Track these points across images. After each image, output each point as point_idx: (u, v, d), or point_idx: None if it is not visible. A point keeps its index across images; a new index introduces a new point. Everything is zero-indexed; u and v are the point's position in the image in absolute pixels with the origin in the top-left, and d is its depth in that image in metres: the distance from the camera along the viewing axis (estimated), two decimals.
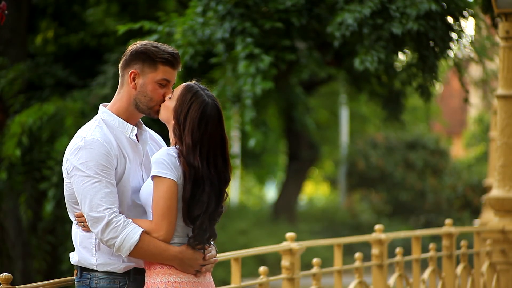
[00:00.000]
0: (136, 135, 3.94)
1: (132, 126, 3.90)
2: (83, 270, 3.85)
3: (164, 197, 3.72)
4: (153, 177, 3.74)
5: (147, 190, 3.81)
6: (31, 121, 11.60)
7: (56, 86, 13.00)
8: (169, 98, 3.88)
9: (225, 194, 3.85)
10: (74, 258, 3.88)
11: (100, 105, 3.97)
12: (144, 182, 3.90)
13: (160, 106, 3.89)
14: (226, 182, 3.86)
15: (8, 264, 12.55)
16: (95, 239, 3.81)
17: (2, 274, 3.78)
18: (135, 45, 3.90)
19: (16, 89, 12.53)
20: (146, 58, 3.85)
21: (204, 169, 3.77)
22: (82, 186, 3.74)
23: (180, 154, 3.77)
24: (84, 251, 3.83)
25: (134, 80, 3.87)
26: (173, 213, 3.73)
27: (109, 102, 3.98)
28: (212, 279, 3.90)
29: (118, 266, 3.81)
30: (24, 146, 11.72)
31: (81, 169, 3.75)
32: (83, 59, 13.93)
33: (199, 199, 3.76)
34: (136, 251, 3.71)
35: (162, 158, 3.74)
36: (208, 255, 3.82)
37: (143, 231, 3.72)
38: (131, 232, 3.71)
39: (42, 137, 11.88)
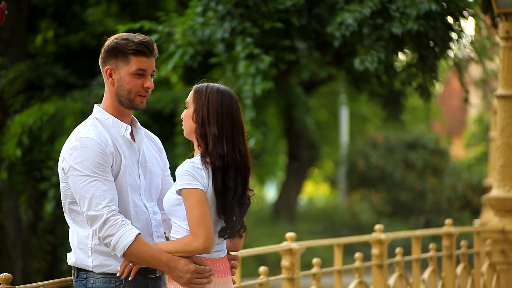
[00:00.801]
0: (132, 133, 3.94)
1: (126, 124, 3.90)
2: (80, 270, 3.85)
3: (197, 205, 3.71)
4: (181, 190, 3.73)
5: (170, 200, 3.80)
6: (31, 121, 11.61)
7: (56, 86, 13.00)
8: (185, 108, 3.88)
9: (250, 188, 3.87)
10: (71, 259, 3.88)
11: (95, 104, 3.97)
12: (141, 181, 3.90)
13: (141, 96, 3.88)
14: (249, 169, 3.86)
15: (8, 264, 12.55)
16: (92, 240, 3.81)
17: (2, 274, 3.77)
18: (108, 41, 3.90)
19: (16, 89, 12.53)
20: (118, 52, 3.84)
21: (230, 154, 3.79)
22: (80, 185, 3.74)
23: (204, 154, 3.78)
24: (80, 252, 3.83)
25: (111, 76, 3.87)
26: (209, 221, 3.72)
27: None
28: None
29: (114, 267, 3.80)
30: (24, 146, 11.72)
31: (77, 168, 3.75)
32: (83, 59, 13.94)
33: (227, 186, 3.77)
34: (130, 252, 3.71)
35: (187, 170, 3.74)
36: (201, 268, 3.77)
37: (139, 233, 3.72)
38: (127, 232, 3.70)
39: (42, 137, 11.88)
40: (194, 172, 3.73)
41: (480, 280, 8.28)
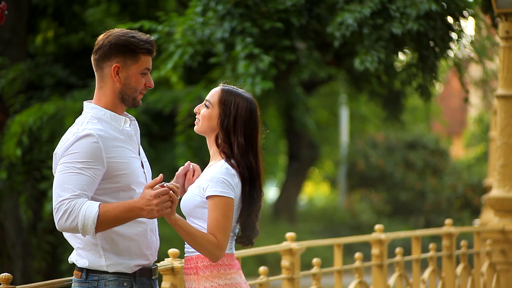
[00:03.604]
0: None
1: (124, 117, 3.82)
2: (90, 272, 3.73)
3: (228, 215, 3.70)
4: (213, 196, 3.71)
5: (193, 202, 3.78)
6: (31, 121, 11.61)
7: (56, 86, 13.01)
8: (206, 106, 3.84)
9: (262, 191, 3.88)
10: (81, 261, 3.76)
11: (84, 102, 3.89)
12: (140, 171, 3.80)
13: (141, 94, 3.84)
14: (262, 180, 3.87)
15: (8, 264, 12.55)
16: (100, 240, 3.71)
17: (2, 274, 3.76)
18: (109, 36, 3.80)
19: (16, 89, 12.54)
20: (127, 50, 3.77)
21: (255, 167, 3.80)
22: (57, 175, 3.65)
23: (229, 161, 3.76)
24: (90, 254, 3.73)
25: (118, 74, 3.80)
26: (230, 229, 3.74)
27: None
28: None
29: (128, 264, 3.72)
30: (24, 146, 11.72)
31: (66, 161, 3.65)
32: (83, 59, 13.93)
33: (253, 198, 3.79)
34: (100, 221, 3.58)
35: (223, 178, 3.72)
36: (161, 190, 3.59)
37: (100, 203, 3.59)
38: (90, 207, 3.58)
39: (42, 137, 11.88)
40: (230, 180, 3.72)
41: (480, 280, 8.28)
